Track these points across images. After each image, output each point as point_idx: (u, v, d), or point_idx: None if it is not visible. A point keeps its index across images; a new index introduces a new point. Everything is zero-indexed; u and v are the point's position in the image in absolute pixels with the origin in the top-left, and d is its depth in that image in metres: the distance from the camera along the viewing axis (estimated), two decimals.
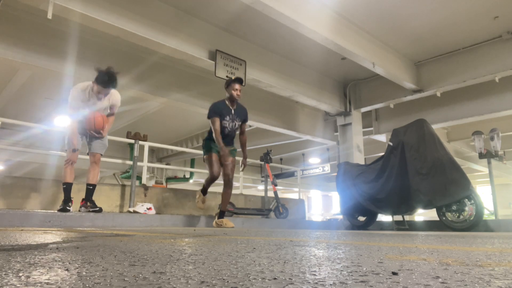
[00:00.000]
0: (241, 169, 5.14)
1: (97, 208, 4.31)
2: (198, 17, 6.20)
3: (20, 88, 8.67)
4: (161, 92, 7.09)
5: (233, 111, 4.68)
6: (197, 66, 6.82)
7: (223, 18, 6.28)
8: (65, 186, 4.30)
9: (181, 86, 7.44)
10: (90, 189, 4.43)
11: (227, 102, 4.68)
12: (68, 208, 4.10)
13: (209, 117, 4.61)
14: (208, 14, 6.18)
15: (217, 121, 4.57)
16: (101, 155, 4.57)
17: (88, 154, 4.57)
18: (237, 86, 4.66)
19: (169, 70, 7.19)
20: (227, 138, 4.71)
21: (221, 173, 4.72)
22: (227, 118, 4.64)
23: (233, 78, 4.72)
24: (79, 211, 4.32)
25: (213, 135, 4.56)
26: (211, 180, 4.74)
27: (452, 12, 6.18)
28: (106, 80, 4.07)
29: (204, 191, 4.99)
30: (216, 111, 4.61)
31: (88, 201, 4.36)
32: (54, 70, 6.09)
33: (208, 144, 4.71)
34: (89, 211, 4.22)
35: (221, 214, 4.81)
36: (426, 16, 6.28)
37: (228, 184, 4.74)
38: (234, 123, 4.71)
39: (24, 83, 8.41)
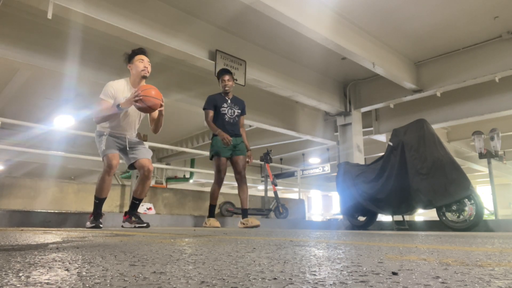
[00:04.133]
0: (247, 162, 4.93)
1: (144, 224, 3.73)
2: (198, 17, 6.20)
3: (20, 88, 8.67)
4: (161, 93, 7.06)
5: (229, 100, 4.71)
6: (197, 66, 6.82)
7: (223, 18, 6.28)
8: (97, 201, 3.64)
9: (181, 86, 7.45)
10: (136, 204, 3.82)
11: (222, 94, 4.74)
12: (101, 225, 3.60)
13: (203, 108, 4.68)
14: (208, 14, 6.18)
15: (210, 113, 4.60)
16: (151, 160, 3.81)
17: (130, 166, 3.78)
18: (226, 77, 4.69)
19: (169, 71, 7.19)
20: (229, 126, 4.62)
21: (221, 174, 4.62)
22: (224, 105, 4.64)
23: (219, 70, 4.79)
24: (122, 226, 3.81)
25: (212, 129, 4.57)
26: (217, 184, 4.58)
27: (452, 12, 6.18)
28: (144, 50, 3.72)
29: (211, 212, 4.74)
30: (210, 102, 4.65)
31: (133, 215, 3.80)
32: (54, 70, 6.08)
33: (216, 144, 4.54)
34: (134, 227, 3.70)
35: (245, 213, 4.67)
36: (426, 16, 6.28)
37: (242, 181, 4.66)
38: (233, 110, 4.69)
39: (24, 83, 8.41)
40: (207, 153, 8.72)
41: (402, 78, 7.58)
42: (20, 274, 0.73)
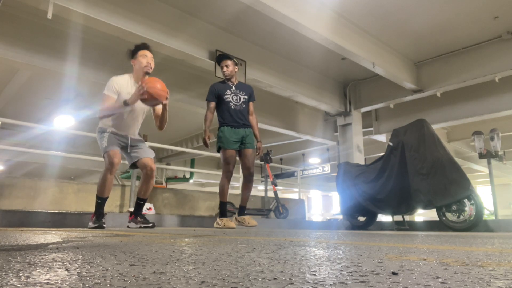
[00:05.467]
0: (256, 157, 4.58)
1: (150, 224, 3.71)
2: (198, 17, 6.20)
3: (20, 88, 8.67)
4: None
5: (233, 86, 4.35)
6: (197, 66, 6.82)
7: (223, 18, 6.28)
8: (100, 201, 3.59)
9: (181, 86, 7.45)
10: (141, 204, 3.78)
11: (225, 81, 4.42)
12: (104, 225, 3.54)
13: (206, 99, 4.35)
14: (208, 14, 6.18)
15: (210, 105, 4.26)
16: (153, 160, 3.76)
17: (132, 165, 3.72)
18: (226, 62, 4.35)
19: (169, 71, 7.19)
20: (236, 114, 4.26)
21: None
22: (228, 92, 4.28)
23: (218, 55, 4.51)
24: (128, 227, 3.78)
25: (220, 118, 4.29)
26: (226, 178, 4.23)
27: (452, 12, 6.18)
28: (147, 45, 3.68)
29: (223, 211, 4.33)
30: (213, 91, 4.29)
31: (139, 215, 3.76)
32: (54, 70, 6.08)
33: (223, 135, 4.21)
34: (140, 227, 3.67)
35: (242, 211, 4.42)
36: (426, 16, 6.28)
37: (249, 178, 4.34)
38: (238, 97, 4.31)
39: (24, 83, 8.41)
40: (207, 153, 8.75)
41: (402, 78, 7.58)
42: (20, 274, 0.73)
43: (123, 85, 3.53)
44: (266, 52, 7.44)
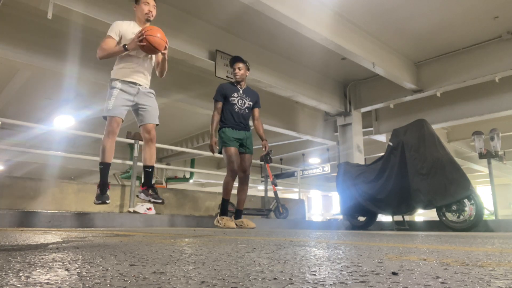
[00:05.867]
0: (263, 152, 4.65)
1: (160, 201, 3.54)
2: (198, 17, 6.20)
3: (20, 88, 8.67)
4: (162, 93, 7.09)
5: (241, 90, 4.41)
6: (197, 66, 6.83)
7: (223, 18, 6.28)
8: (102, 166, 3.40)
9: (181, 86, 7.45)
10: (149, 172, 3.56)
11: (234, 83, 4.47)
12: (108, 201, 3.40)
13: (213, 98, 4.40)
14: (208, 14, 6.18)
15: (218, 105, 4.32)
16: (157, 125, 3.61)
17: (139, 127, 3.61)
18: (239, 65, 4.39)
19: (169, 71, 7.11)
20: (239, 117, 4.35)
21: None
22: (235, 95, 4.35)
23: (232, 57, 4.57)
24: (137, 196, 3.56)
25: (222, 118, 4.34)
26: (231, 176, 4.24)
27: (452, 12, 6.18)
28: None
29: (224, 209, 4.40)
30: (220, 91, 4.35)
31: (151, 188, 3.57)
32: (54, 70, 6.09)
33: (225, 135, 4.28)
34: (149, 201, 3.53)
35: (238, 214, 4.50)
36: (426, 16, 6.28)
37: (245, 181, 4.42)
38: (243, 101, 4.38)
39: (24, 83, 8.41)
40: (207, 153, 8.74)
41: (402, 78, 7.58)
42: (20, 274, 0.73)
43: (127, 28, 3.54)
44: (266, 52, 7.44)
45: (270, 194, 7.48)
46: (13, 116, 7.87)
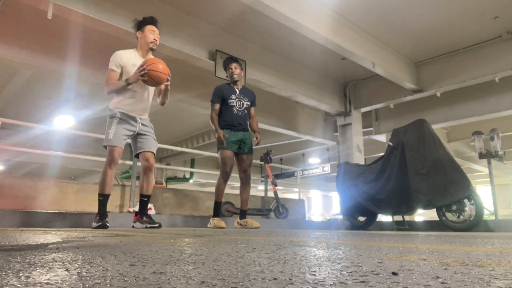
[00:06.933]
0: (255, 142, 4.65)
1: (156, 225, 3.60)
2: (198, 17, 6.20)
3: (20, 88, 8.68)
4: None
5: (237, 91, 4.49)
6: (197, 66, 6.82)
7: (223, 18, 6.28)
8: (101, 198, 3.46)
9: (181, 86, 7.44)
10: (145, 201, 3.66)
11: (230, 84, 4.54)
12: (107, 224, 3.42)
13: (211, 100, 4.45)
14: (208, 14, 6.18)
15: (215, 106, 4.39)
16: (155, 154, 3.68)
17: (136, 155, 3.68)
18: (233, 65, 4.50)
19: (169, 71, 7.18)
20: (238, 119, 4.41)
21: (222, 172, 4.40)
22: (233, 97, 4.42)
23: (226, 58, 4.64)
24: (133, 227, 3.69)
25: (221, 120, 4.39)
26: (223, 178, 4.33)
27: (452, 12, 6.19)
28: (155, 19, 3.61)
29: (216, 211, 4.46)
30: (218, 93, 4.41)
31: (144, 215, 3.64)
32: (54, 70, 6.08)
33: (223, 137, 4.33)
34: (146, 227, 3.56)
35: (243, 215, 4.52)
36: (426, 16, 6.28)
37: (246, 181, 4.45)
38: (241, 102, 4.46)
39: (24, 83, 8.41)
40: (207, 153, 8.76)
41: (402, 78, 7.58)
42: (20, 274, 0.73)
43: (127, 58, 3.51)
44: (266, 52, 7.44)
45: (270, 194, 7.48)
46: (13, 116, 7.88)
